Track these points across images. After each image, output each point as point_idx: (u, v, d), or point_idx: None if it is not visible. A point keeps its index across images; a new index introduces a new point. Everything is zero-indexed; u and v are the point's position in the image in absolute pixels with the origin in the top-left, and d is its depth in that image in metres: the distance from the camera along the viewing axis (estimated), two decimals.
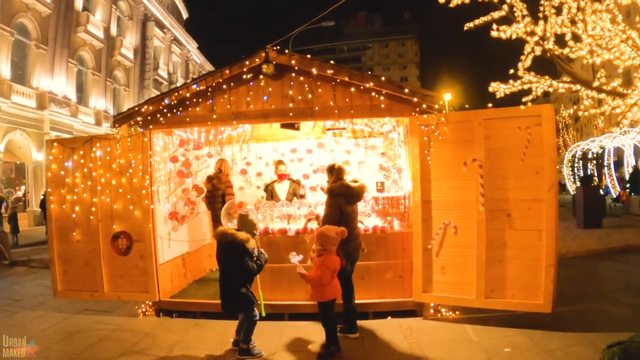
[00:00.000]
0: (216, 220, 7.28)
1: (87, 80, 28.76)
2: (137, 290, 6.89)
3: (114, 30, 31.10)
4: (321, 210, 6.67)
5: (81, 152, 7.09)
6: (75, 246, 7.10)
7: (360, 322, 6.01)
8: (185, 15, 46.29)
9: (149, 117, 6.83)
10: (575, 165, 24.14)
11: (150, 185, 6.81)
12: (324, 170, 8.16)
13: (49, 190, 7.31)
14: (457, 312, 6.21)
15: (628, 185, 18.18)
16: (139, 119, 6.86)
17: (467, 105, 4.38)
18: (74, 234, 7.08)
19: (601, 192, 17.96)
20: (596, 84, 3.92)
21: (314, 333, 5.80)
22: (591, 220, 13.66)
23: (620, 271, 8.66)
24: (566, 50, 4.02)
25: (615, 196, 20.03)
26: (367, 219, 6.68)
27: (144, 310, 6.94)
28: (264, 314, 5.56)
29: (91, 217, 6.99)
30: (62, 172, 7.15)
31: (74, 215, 7.08)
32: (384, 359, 5.08)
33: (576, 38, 4.20)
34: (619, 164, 22.25)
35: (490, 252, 5.79)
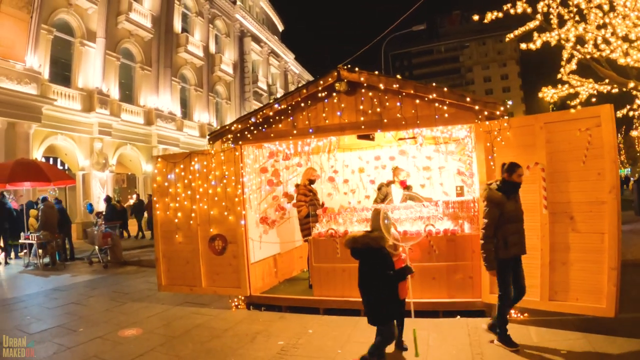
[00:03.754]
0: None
1: (190, 96, 31.03)
2: (230, 285, 7.79)
3: (212, 48, 33.26)
4: (399, 214, 7.20)
5: (181, 166, 8.13)
6: (177, 247, 8.18)
7: (430, 320, 6.47)
8: (280, 27, 48.29)
9: (238, 134, 7.73)
10: None
11: (242, 194, 7.69)
12: (407, 175, 8.63)
13: (154, 198, 8.45)
14: (525, 314, 6.34)
15: None
16: (229, 136, 7.79)
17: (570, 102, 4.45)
18: (177, 236, 8.16)
19: None
20: (631, 85, 4.06)
21: None
22: None
23: None
24: (605, 53, 4.16)
25: None
26: (439, 222, 7.04)
27: (236, 303, 7.82)
28: (417, 355, 5.21)
29: (191, 222, 8.02)
30: (166, 184, 8.24)
31: (176, 220, 8.15)
32: (442, 353, 5.39)
33: (608, 41, 4.31)
34: None
35: (553, 254, 5.90)
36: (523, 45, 4.59)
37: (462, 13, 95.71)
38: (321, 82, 7.13)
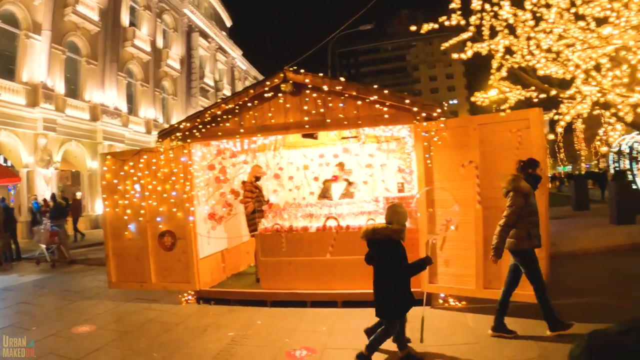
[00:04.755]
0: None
1: (136, 92, 30.44)
2: (180, 281, 7.97)
3: (160, 43, 32.66)
4: (342, 210, 7.56)
5: (131, 163, 8.22)
6: (127, 243, 8.28)
7: (372, 310, 6.76)
8: (228, 23, 47.72)
9: (187, 132, 7.90)
10: (621, 160, 23.56)
11: (191, 190, 7.85)
12: (350, 173, 9.04)
13: (103, 196, 8.50)
14: (463, 302, 6.80)
15: None
16: (178, 134, 7.95)
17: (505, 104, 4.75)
18: (126, 233, 8.25)
19: (634, 187, 17.74)
20: (553, 92, 4.50)
21: (329, 315, 6.77)
22: (624, 216, 13.61)
23: (636, 266, 8.64)
24: (531, 63, 4.58)
25: None
26: (381, 217, 7.39)
27: (186, 298, 7.99)
28: (422, 341, 5.43)
29: (140, 219, 8.13)
30: (115, 181, 8.30)
31: (125, 217, 8.23)
32: (387, 341, 5.54)
33: (532, 53, 4.72)
34: None
35: (487, 246, 6.23)
36: (455, 55, 4.97)
37: (410, 13, 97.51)
38: (268, 82, 7.39)
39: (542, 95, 4.61)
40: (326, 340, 5.90)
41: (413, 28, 5.21)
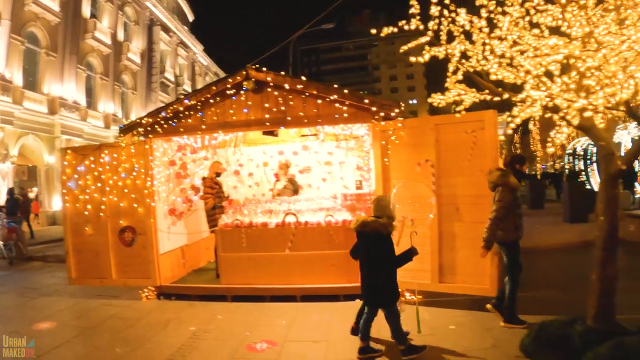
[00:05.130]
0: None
1: (96, 85, 29.70)
2: (140, 276, 7.98)
3: (120, 36, 31.97)
4: (300, 206, 7.72)
5: (91, 158, 8.17)
6: (87, 239, 8.22)
7: (330, 304, 7.07)
8: (191, 17, 46.88)
9: (148, 128, 7.91)
10: (575, 162, 24.42)
11: (151, 186, 7.88)
12: (309, 170, 9.23)
13: (64, 191, 8.40)
14: (419, 296, 6.96)
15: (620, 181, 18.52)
16: (140, 129, 7.95)
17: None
18: (86, 228, 8.20)
19: (588, 187, 18.39)
20: (506, 96, 4.71)
21: (288, 309, 6.95)
22: (577, 214, 14.21)
23: (585, 263, 9.06)
24: (485, 67, 4.78)
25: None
26: (339, 213, 7.61)
27: (147, 294, 7.99)
28: (419, 331, 5.62)
29: (101, 214, 8.09)
30: (76, 176, 8.24)
31: (86, 213, 8.19)
32: (345, 333, 5.89)
33: (486, 58, 4.93)
34: None
35: (442, 242, 6.65)
36: (412, 59, 5.15)
37: (372, 13, 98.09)
38: (230, 80, 7.48)
39: (496, 98, 4.83)
40: (286, 333, 6.05)
41: (373, 31, 5.35)
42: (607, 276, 4.85)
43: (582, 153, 22.20)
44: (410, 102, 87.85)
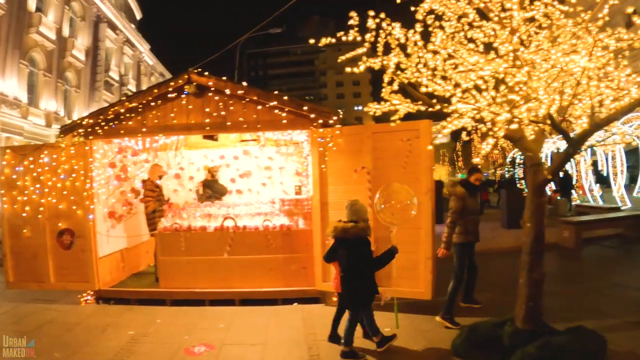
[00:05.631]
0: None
1: (38, 82, 28.26)
2: (79, 280, 7.85)
3: (66, 32, 30.56)
4: (239, 211, 7.73)
5: (31, 159, 7.99)
6: (26, 242, 8.03)
7: (269, 307, 7.14)
8: (138, 15, 45.18)
9: (89, 129, 7.80)
10: (515, 170, 25.04)
11: (91, 188, 7.76)
12: (249, 174, 9.23)
13: (1, 192, 8.20)
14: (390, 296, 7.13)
15: (557, 189, 19.26)
16: (80, 130, 7.83)
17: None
18: (24, 230, 8.00)
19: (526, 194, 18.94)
20: (438, 107, 4.80)
21: (227, 312, 6.96)
22: (514, 220, 14.39)
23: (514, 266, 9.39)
24: (419, 79, 4.87)
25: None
26: (276, 218, 7.67)
27: (85, 298, 7.88)
28: (398, 327, 5.85)
29: (39, 216, 7.92)
30: (14, 176, 8.05)
31: (24, 214, 7.99)
32: (281, 334, 6.05)
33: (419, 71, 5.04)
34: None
35: (378, 247, 6.58)
36: (348, 69, 5.21)
37: (321, 19, 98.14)
38: (172, 83, 7.45)
39: (430, 109, 4.93)
40: (224, 336, 6.12)
41: (311, 41, 5.39)
42: (533, 280, 5.06)
43: (521, 162, 22.78)
44: (356, 108, 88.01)
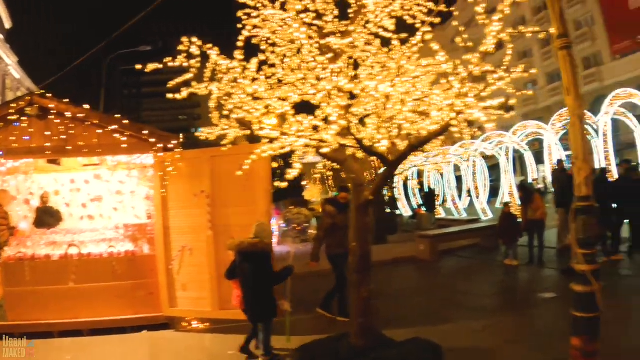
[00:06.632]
0: None
1: None
2: None
3: None
4: (84, 237, 7.52)
5: None
6: None
7: (117, 336, 6.92)
8: (8, 24, 41.49)
9: None
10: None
11: None
12: (100, 199, 8.95)
13: None
14: (206, 324, 7.08)
15: (421, 204, 20.37)
16: None
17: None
18: None
19: (391, 210, 20.30)
20: (249, 132, 4.90)
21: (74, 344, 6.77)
22: (377, 236, 14.64)
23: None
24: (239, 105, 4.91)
25: (411, 214, 21.99)
26: (121, 244, 7.48)
27: None
28: (288, 337, 5.88)
29: None
30: None
31: None
32: None
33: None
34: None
35: (220, 269, 6.57)
36: (169, 95, 5.18)
37: (198, 37, 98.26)
38: (13, 105, 7.24)
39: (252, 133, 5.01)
40: None
41: (139, 67, 5.31)
42: (362, 297, 5.14)
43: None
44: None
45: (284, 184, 5.66)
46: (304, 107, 4.88)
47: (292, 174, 4.79)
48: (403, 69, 4.22)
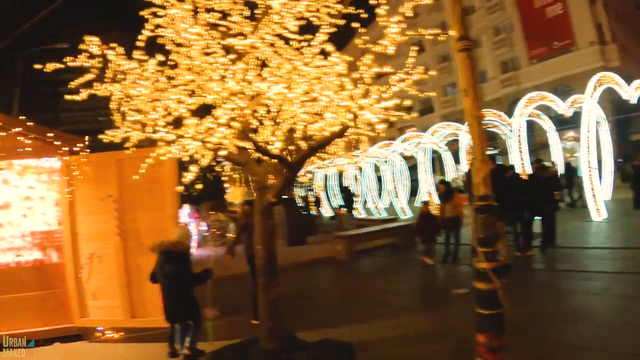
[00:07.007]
0: None
1: None
2: None
3: None
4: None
5: None
6: None
7: (27, 349, 6.42)
8: None
9: None
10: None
11: None
12: (8, 206, 8.52)
13: None
14: (120, 333, 6.84)
15: (342, 205, 20.82)
16: None
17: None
18: None
19: (310, 212, 20.62)
20: (145, 135, 4.81)
21: None
22: (295, 238, 15.23)
23: (292, 282, 9.56)
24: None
25: (332, 214, 22.30)
26: (29, 253, 7.17)
27: None
28: (211, 342, 5.74)
29: None
30: None
31: None
32: None
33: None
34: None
35: (129, 276, 6.58)
36: (68, 96, 5.00)
37: (121, 34, 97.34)
38: None
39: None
40: None
41: (38, 66, 5.05)
42: (270, 300, 5.12)
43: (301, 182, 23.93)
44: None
45: (197, 187, 5.66)
46: (207, 109, 4.87)
47: (187, 177, 4.71)
48: (297, 70, 4.27)
